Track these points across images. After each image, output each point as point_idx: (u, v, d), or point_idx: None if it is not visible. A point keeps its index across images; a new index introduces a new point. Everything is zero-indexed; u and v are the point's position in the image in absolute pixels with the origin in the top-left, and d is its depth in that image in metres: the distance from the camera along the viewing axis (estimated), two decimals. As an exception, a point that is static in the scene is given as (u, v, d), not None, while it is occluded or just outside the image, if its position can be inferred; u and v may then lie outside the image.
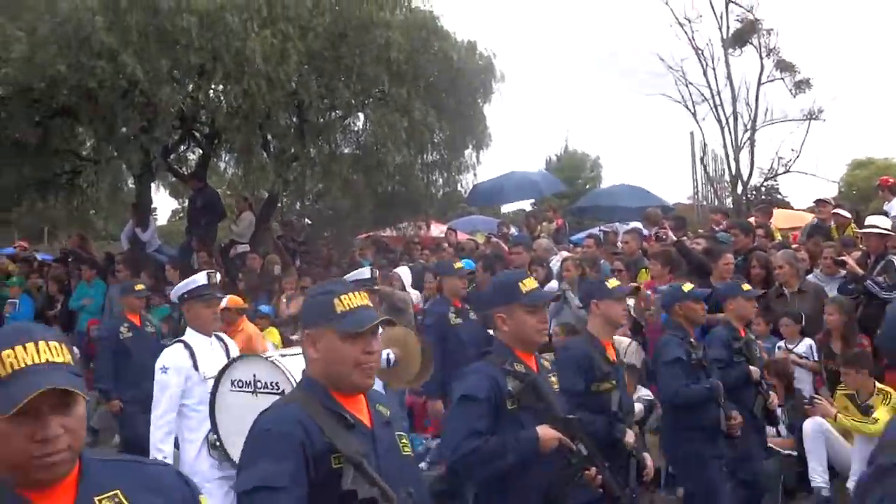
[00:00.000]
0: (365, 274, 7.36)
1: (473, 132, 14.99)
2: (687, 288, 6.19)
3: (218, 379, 5.22)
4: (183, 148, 16.03)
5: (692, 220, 17.84)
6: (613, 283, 5.21)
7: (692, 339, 5.97)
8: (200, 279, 5.80)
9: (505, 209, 26.04)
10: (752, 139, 24.35)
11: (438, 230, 16.42)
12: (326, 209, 15.38)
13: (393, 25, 12.83)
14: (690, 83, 24.65)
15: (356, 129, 14.75)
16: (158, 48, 11.69)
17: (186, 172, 15.98)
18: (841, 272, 8.62)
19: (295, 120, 13.69)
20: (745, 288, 6.72)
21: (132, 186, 15.97)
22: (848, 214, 10.87)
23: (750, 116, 24.34)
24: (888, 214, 9.84)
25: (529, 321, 3.92)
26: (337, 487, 2.64)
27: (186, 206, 17.35)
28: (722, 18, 24.40)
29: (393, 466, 2.85)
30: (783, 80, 24.32)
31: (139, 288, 9.50)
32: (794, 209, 19.72)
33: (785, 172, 24.69)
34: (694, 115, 24.81)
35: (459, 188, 16.09)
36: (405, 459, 3.00)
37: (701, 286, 8.51)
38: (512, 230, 15.01)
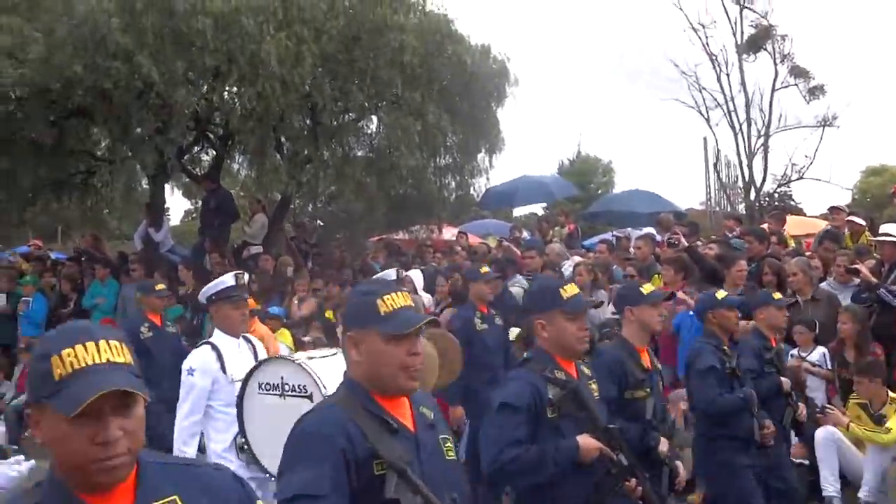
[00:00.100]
0: (391, 276, 7.35)
1: (487, 136, 14.99)
2: (721, 295, 6.09)
3: (245, 381, 5.20)
4: (197, 149, 16.09)
5: (705, 225, 17.82)
6: (648, 288, 5.15)
7: (725, 347, 5.89)
8: (228, 280, 5.73)
9: (517, 213, 26.05)
10: (765, 145, 24.34)
11: (451, 234, 16.42)
12: (339, 211, 15.41)
13: (407, 29, 12.84)
14: (704, 89, 24.67)
15: (369, 132, 14.78)
16: (174, 50, 11.71)
17: (200, 173, 16.04)
18: (854, 280, 8.58)
19: (308, 122, 13.71)
20: (776, 297, 6.61)
21: (146, 187, 16.03)
22: (862, 222, 10.83)
23: (763, 122, 24.34)
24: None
25: (570, 328, 3.84)
26: (379, 494, 2.58)
27: (199, 206, 17.41)
28: (736, 24, 24.44)
29: (437, 472, 2.78)
30: (797, 86, 24.31)
31: (160, 288, 9.51)
32: (807, 216, 19.68)
33: (798, 179, 24.67)
34: (707, 120, 24.82)
35: (472, 192, 16.07)
36: (449, 464, 2.91)
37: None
38: (524, 234, 15.01)
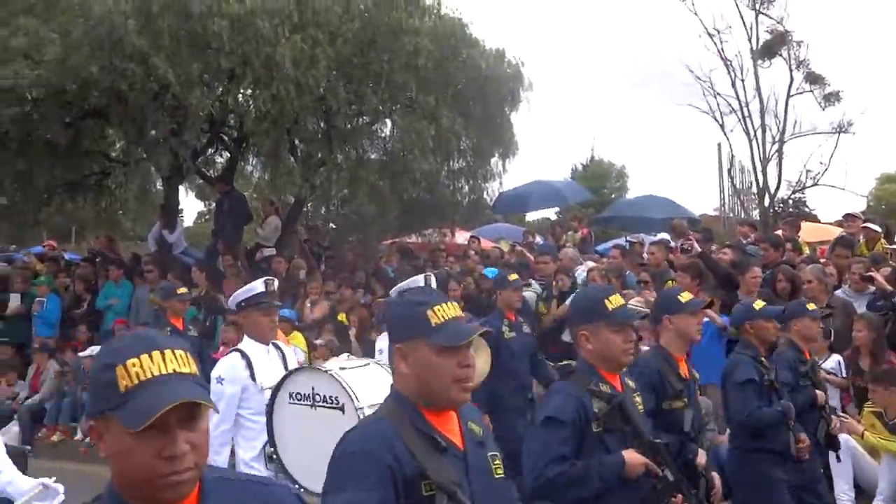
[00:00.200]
0: (419, 283, 7.21)
1: (500, 140, 14.99)
2: (759, 305, 5.96)
3: (276, 390, 5.14)
4: (211, 151, 16.14)
5: (718, 231, 17.76)
6: (686, 296, 5.02)
7: (763, 358, 5.76)
8: (258, 287, 5.64)
9: (529, 217, 26.00)
10: (780, 151, 24.14)
11: (463, 238, 16.41)
12: (352, 214, 15.42)
13: (422, 32, 12.85)
14: (719, 94, 24.52)
15: (383, 135, 14.79)
16: (189, 52, 11.76)
17: (214, 175, 16.08)
18: (870, 288, 8.55)
19: (323, 125, 13.72)
20: (810, 307, 6.38)
21: (160, 188, 16.09)
22: (878, 229, 10.78)
23: (778, 128, 24.13)
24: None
25: (615, 340, 3.73)
26: None
27: (213, 208, 17.46)
28: (751, 30, 24.25)
29: (486, 492, 2.72)
30: (812, 92, 24.11)
31: (182, 291, 9.52)
32: (821, 223, 19.57)
33: (813, 185, 24.46)
34: (722, 126, 24.65)
35: (485, 196, 16.07)
36: (499, 483, 2.82)
37: (727, 299, 8.51)
38: (537, 239, 14.99)
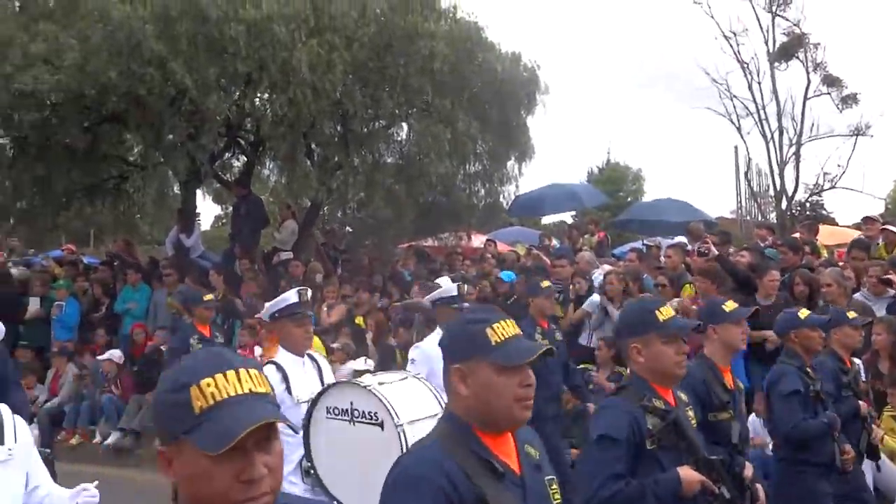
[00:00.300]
0: (452, 291, 7.12)
1: (516, 143, 14.99)
2: (804, 314, 5.81)
3: (313, 404, 5.06)
4: (228, 155, 16.22)
5: (735, 234, 17.66)
6: (731, 305, 4.93)
7: (808, 368, 5.63)
8: (291, 297, 5.52)
9: (545, 220, 25.98)
10: (797, 154, 24.10)
11: (479, 241, 16.42)
12: (368, 218, 15.43)
13: (438, 36, 12.87)
14: (735, 97, 24.48)
15: (399, 139, 14.80)
16: (207, 57, 11.82)
17: (231, 179, 16.15)
18: (889, 291, 8.49)
19: (339, 129, 13.76)
20: (850, 315, 6.27)
21: (178, 192, 16.17)
22: (898, 231, 10.68)
23: (795, 131, 24.11)
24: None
25: (668, 352, 3.64)
26: None
27: (230, 212, 17.52)
28: (768, 32, 24.24)
29: None
30: (830, 94, 24.07)
31: (208, 298, 9.50)
32: (839, 226, 19.47)
33: (830, 188, 24.40)
34: (738, 129, 24.64)
35: (501, 199, 16.07)
36: None
37: (745, 302, 8.47)
38: (553, 242, 14.97)
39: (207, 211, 52.69)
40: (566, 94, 66.96)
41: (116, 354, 12.59)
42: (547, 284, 8.35)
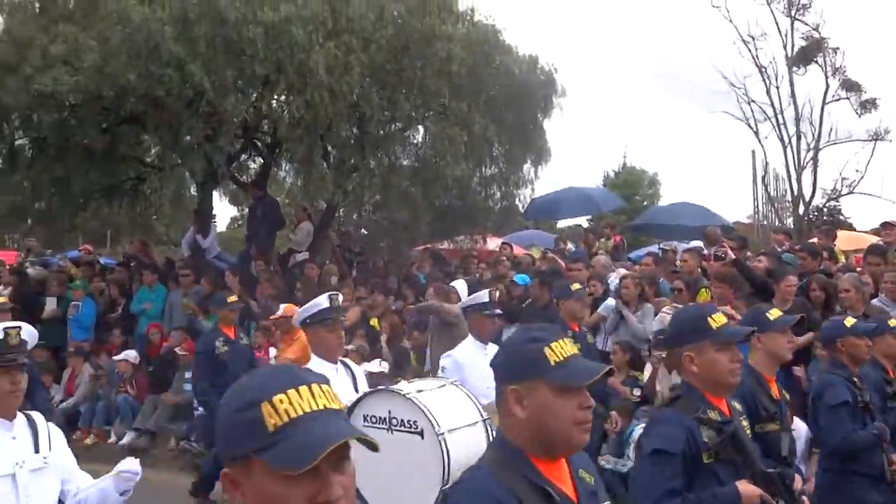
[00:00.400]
0: (483, 298, 6.94)
1: (533, 146, 14.97)
2: (850, 322, 5.68)
3: (349, 412, 4.97)
4: (245, 157, 16.27)
5: (752, 239, 17.60)
6: (775, 313, 4.81)
7: (856, 378, 5.50)
8: (322, 302, 5.40)
9: (561, 224, 25.95)
10: (815, 159, 23.98)
11: (495, 244, 16.40)
12: (384, 220, 15.43)
13: (455, 39, 12.86)
14: (753, 101, 24.37)
15: (416, 141, 14.79)
16: (225, 59, 11.84)
17: (247, 181, 16.20)
18: (908, 297, 8.41)
19: (356, 131, 13.76)
20: (891, 324, 6.05)
21: (194, 194, 16.22)
22: (918, 237, 10.60)
23: (813, 136, 23.98)
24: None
25: (722, 360, 3.54)
26: None
27: (246, 214, 17.58)
28: (787, 36, 24.14)
29: None
30: (848, 99, 23.94)
31: (232, 300, 9.48)
32: (857, 231, 19.35)
33: (848, 193, 24.26)
34: (756, 133, 24.53)
35: (517, 202, 16.04)
36: None
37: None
38: (569, 246, 14.94)
39: (223, 212, 52.67)
40: (583, 97, 67.03)
41: (132, 355, 12.64)
42: (578, 287, 8.18)
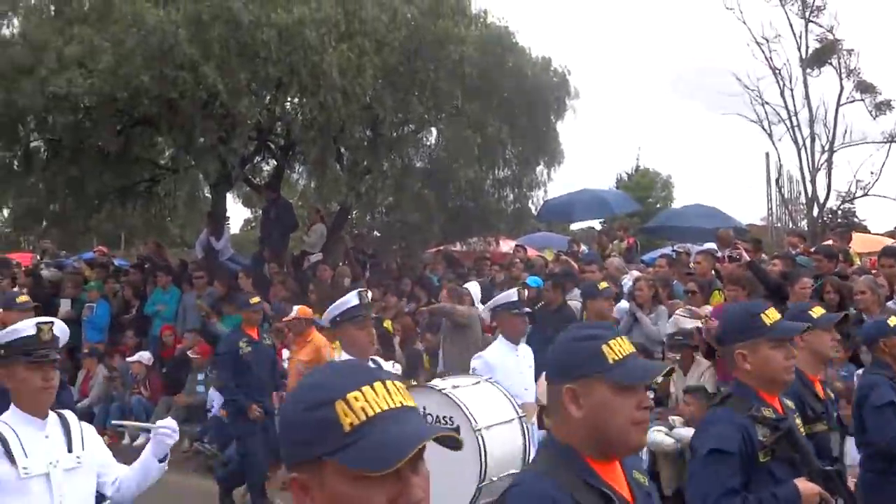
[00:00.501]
0: (512, 297, 6.89)
1: (546, 148, 14.95)
2: (893, 322, 5.52)
3: None
4: (258, 159, 16.32)
5: (766, 242, 17.51)
6: (818, 311, 4.66)
7: None
8: (352, 300, 5.32)
9: (574, 226, 25.89)
10: (829, 161, 23.81)
11: (508, 246, 16.38)
12: (397, 222, 15.43)
13: (468, 41, 12.88)
14: (767, 103, 24.23)
15: (429, 143, 14.83)
16: (238, 61, 11.88)
17: (261, 183, 16.23)
18: (924, 299, 8.36)
19: (369, 133, 13.79)
20: None
21: (208, 195, 16.27)
22: (933, 239, 10.56)
23: (828, 138, 23.81)
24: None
25: (776, 357, 3.49)
26: None
27: (259, 216, 17.62)
28: (801, 38, 23.96)
29: None
30: (863, 101, 23.75)
31: (254, 301, 9.48)
32: (871, 233, 19.24)
33: (863, 196, 24.09)
34: (770, 135, 24.36)
35: (530, 204, 16.02)
36: None
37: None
38: (582, 248, 14.91)
39: (237, 214, 52.94)
40: (596, 99, 66.71)
41: (146, 356, 12.68)
42: (605, 285, 8.11)
